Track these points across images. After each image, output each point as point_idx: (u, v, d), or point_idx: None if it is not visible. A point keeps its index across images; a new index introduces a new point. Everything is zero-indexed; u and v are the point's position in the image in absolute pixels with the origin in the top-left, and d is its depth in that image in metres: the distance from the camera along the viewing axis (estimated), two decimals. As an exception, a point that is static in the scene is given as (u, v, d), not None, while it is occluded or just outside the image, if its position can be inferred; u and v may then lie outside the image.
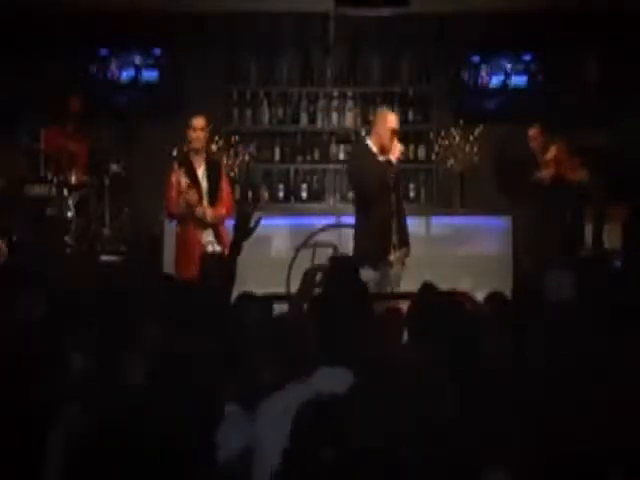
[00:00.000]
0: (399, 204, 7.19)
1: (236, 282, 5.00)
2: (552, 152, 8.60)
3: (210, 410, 2.79)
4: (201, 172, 7.79)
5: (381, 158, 7.11)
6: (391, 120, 7.19)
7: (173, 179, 7.73)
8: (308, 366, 3.19)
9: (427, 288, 5.00)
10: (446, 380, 2.90)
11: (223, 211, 7.74)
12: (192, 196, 7.59)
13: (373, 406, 2.50)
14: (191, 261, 7.44)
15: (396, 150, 7.07)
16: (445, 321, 3.80)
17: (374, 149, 7.17)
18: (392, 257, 7.13)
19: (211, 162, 7.97)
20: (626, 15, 9.63)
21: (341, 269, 5.87)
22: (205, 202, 7.70)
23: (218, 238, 7.68)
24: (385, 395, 2.63)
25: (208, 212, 7.66)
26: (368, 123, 10.31)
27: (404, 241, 7.23)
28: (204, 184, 7.79)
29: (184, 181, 7.66)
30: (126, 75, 10.22)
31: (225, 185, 7.97)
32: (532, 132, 8.65)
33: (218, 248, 7.63)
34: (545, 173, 8.80)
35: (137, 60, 10.22)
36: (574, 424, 2.80)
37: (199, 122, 7.76)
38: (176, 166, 7.79)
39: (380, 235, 7.07)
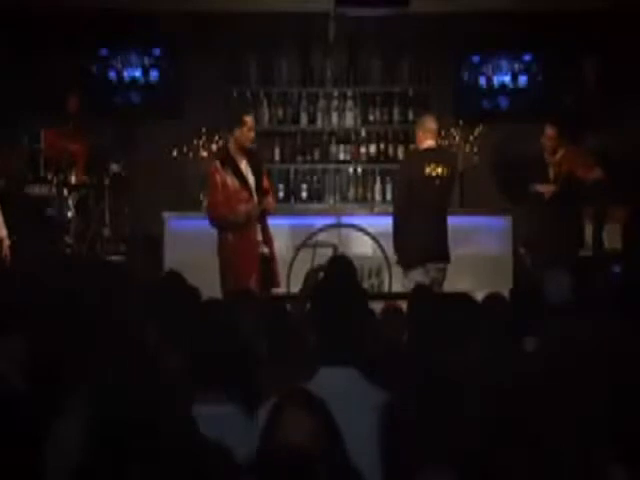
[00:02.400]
0: None
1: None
2: (560, 154, 8.53)
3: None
4: (244, 168, 7.40)
5: None
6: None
7: (218, 180, 7.28)
8: (309, 366, 3.19)
9: (421, 289, 5.02)
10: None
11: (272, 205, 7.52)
12: (254, 209, 7.29)
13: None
14: (252, 269, 7.22)
15: None
16: (442, 321, 3.81)
17: None
18: None
19: (252, 156, 7.57)
20: (626, 15, 9.63)
21: (340, 269, 5.88)
22: (255, 199, 7.33)
23: (266, 239, 7.44)
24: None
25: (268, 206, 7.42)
26: (368, 123, 10.35)
27: None
28: (250, 181, 7.41)
29: (230, 181, 7.28)
30: (126, 75, 10.23)
31: (266, 178, 7.67)
32: (549, 131, 8.55)
33: (266, 250, 7.40)
34: (546, 187, 8.69)
35: (137, 60, 10.24)
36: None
37: (252, 120, 7.47)
38: (219, 165, 7.35)
39: None
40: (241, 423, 3.09)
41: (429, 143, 7.72)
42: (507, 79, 10.32)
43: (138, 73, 10.25)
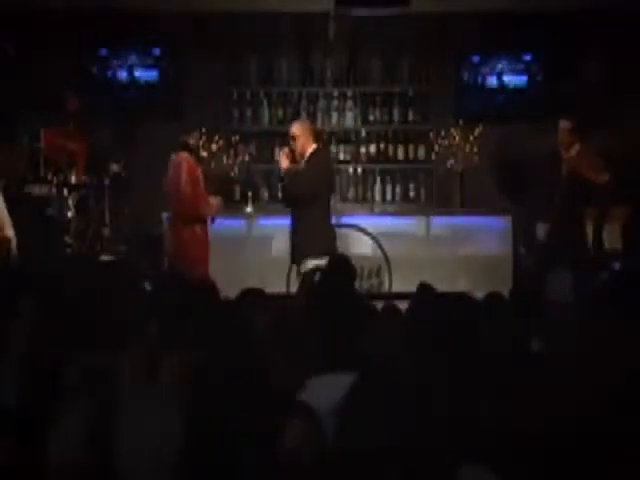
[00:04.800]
0: None
1: (238, 281, 5.00)
2: (575, 150, 8.46)
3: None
4: None
5: None
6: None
7: (198, 175, 7.74)
8: (309, 366, 3.19)
9: (424, 289, 5.01)
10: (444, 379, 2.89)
11: None
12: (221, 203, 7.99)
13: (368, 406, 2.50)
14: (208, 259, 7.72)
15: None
16: (444, 321, 3.80)
17: None
18: None
19: None
20: (626, 15, 9.64)
21: (338, 269, 5.87)
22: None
23: None
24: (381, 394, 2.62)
25: None
26: (368, 123, 10.35)
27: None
28: None
29: (201, 178, 7.75)
30: (126, 75, 10.23)
31: None
32: (564, 124, 8.51)
33: None
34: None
35: (137, 60, 10.24)
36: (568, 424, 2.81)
37: None
38: (194, 160, 7.79)
39: None
40: None
41: (316, 145, 7.81)
42: (507, 79, 10.33)
43: (138, 73, 10.25)
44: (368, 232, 9.22)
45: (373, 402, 2.42)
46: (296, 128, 7.68)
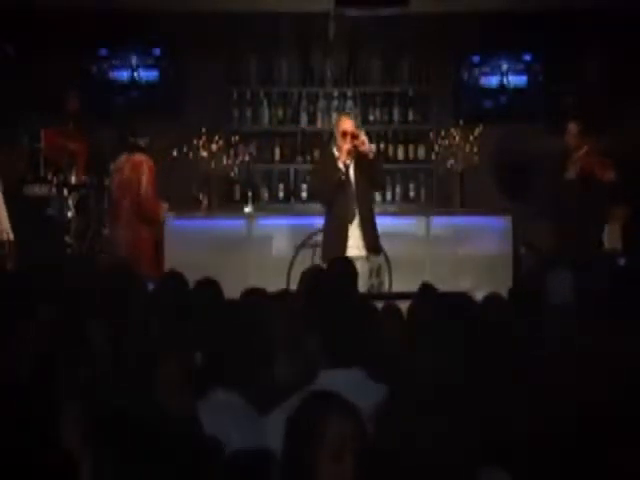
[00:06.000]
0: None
1: (238, 281, 5.00)
2: (583, 150, 8.48)
3: None
4: None
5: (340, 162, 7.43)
6: (343, 123, 7.51)
7: (155, 175, 7.85)
8: (309, 365, 3.19)
9: (426, 288, 5.02)
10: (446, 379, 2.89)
11: None
12: None
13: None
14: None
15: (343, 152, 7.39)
16: (445, 321, 3.81)
17: (336, 154, 7.51)
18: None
19: None
20: (626, 15, 9.64)
21: (339, 269, 5.87)
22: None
23: None
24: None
25: None
26: (368, 123, 10.35)
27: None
28: None
29: None
30: (126, 75, 10.23)
31: None
32: (572, 127, 8.52)
33: None
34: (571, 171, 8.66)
35: (137, 60, 10.24)
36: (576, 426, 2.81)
37: None
38: (152, 163, 7.85)
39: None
40: (244, 418, 3.08)
41: None
42: (507, 79, 10.33)
43: (138, 73, 10.25)
44: (368, 232, 9.19)
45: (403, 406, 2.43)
46: (352, 124, 7.64)
